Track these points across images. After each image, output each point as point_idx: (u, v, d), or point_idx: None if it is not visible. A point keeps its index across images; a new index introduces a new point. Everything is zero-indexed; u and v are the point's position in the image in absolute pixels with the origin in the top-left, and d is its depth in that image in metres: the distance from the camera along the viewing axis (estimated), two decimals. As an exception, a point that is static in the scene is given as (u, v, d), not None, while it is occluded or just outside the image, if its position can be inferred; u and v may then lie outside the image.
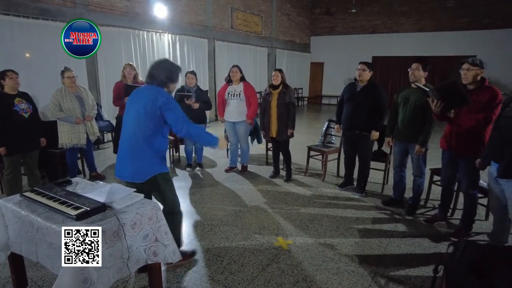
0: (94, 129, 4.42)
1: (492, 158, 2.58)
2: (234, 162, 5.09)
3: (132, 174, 2.36)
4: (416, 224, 3.44)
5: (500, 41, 11.78)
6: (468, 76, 2.85)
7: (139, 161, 2.32)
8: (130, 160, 2.33)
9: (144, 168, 2.33)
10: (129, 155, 2.33)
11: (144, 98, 2.32)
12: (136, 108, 2.33)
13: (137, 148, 2.31)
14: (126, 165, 2.35)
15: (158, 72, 2.40)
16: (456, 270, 1.82)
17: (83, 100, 4.25)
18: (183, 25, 8.75)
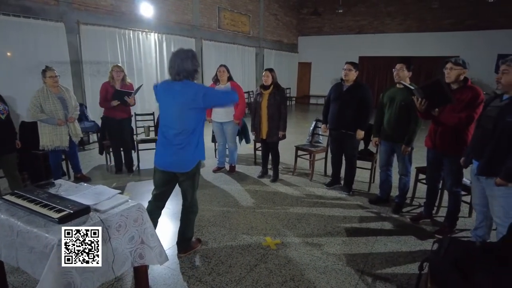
0: (77, 130, 4.31)
1: (474, 157, 2.64)
2: (222, 163, 5.07)
3: (179, 164, 2.48)
4: (402, 222, 3.49)
5: (482, 42, 12.06)
6: (451, 75, 2.91)
7: (186, 152, 2.45)
8: (177, 152, 2.44)
9: (190, 158, 2.48)
10: (176, 147, 2.44)
11: (184, 96, 2.38)
12: (176, 104, 2.39)
13: (185, 140, 2.42)
14: (173, 157, 2.47)
15: (184, 66, 2.38)
16: (440, 266, 1.85)
17: (66, 101, 4.14)
18: (170, 24, 8.67)
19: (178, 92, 2.39)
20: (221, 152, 5.02)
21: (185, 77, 2.39)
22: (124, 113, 4.72)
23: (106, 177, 4.77)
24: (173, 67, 2.39)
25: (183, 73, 2.38)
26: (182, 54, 2.39)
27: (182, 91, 2.37)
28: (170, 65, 2.41)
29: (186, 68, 2.37)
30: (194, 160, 2.50)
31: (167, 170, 2.55)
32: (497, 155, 2.37)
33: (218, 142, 5.00)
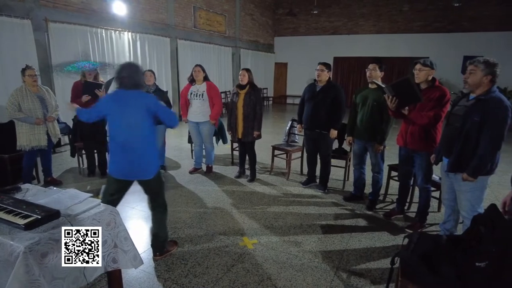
0: (56, 130, 4.20)
1: (443, 154, 2.75)
2: (199, 163, 5.02)
3: (141, 172, 2.50)
4: (375, 219, 3.59)
5: (449, 44, 12.58)
6: (420, 76, 3.03)
7: (147, 159, 2.49)
8: (137, 159, 2.46)
9: (152, 164, 2.52)
10: (137, 155, 2.45)
11: (137, 103, 2.44)
12: (130, 111, 2.42)
13: (144, 147, 2.46)
14: (133, 165, 2.47)
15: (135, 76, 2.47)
16: (410, 260, 1.92)
17: (46, 101, 4.02)
18: (144, 23, 8.51)
19: (135, 100, 2.44)
20: (197, 152, 4.97)
21: (137, 87, 2.49)
22: None
23: (79, 180, 4.62)
24: (131, 77, 2.45)
25: (138, 84, 2.49)
26: (135, 68, 2.51)
27: (140, 99, 2.45)
28: (124, 75, 2.44)
29: (141, 80, 2.54)
30: (156, 166, 2.57)
31: (126, 179, 2.53)
32: (465, 153, 2.49)
33: (194, 143, 4.96)
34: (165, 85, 9.01)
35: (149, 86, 4.62)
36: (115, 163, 2.51)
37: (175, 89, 9.54)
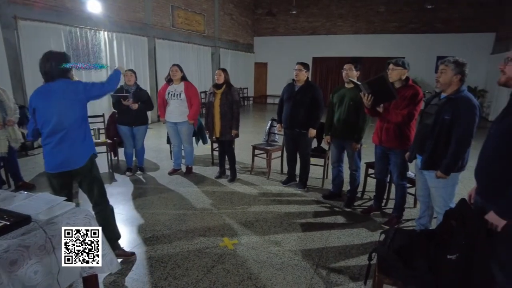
0: (16, 135, 3.97)
1: (417, 152, 2.83)
2: (178, 164, 4.96)
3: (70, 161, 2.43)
4: (354, 216, 3.66)
5: (423, 44, 12.98)
6: (393, 75, 3.12)
7: (75, 148, 2.43)
8: (66, 149, 2.41)
9: (80, 152, 2.46)
10: (64, 145, 2.40)
11: (61, 92, 2.38)
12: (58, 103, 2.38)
13: (72, 136, 2.41)
14: (62, 156, 2.42)
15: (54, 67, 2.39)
16: (386, 256, 1.97)
17: (3, 103, 3.81)
18: (121, 22, 8.33)
19: (57, 90, 2.38)
20: (176, 153, 4.91)
21: (59, 76, 2.41)
22: None
23: (53, 184, 4.46)
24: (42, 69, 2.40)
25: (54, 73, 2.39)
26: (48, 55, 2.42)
27: (61, 89, 2.39)
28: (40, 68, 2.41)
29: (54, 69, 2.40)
30: (86, 154, 2.49)
31: (59, 171, 2.46)
32: (437, 151, 2.57)
33: (173, 143, 4.89)
34: (143, 84, 8.78)
35: (130, 86, 4.54)
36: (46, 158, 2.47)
37: (153, 89, 9.39)
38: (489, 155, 1.83)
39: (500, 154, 1.74)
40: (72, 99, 2.39)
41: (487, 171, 1.85)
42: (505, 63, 1.72)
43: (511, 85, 1.72)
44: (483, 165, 1.88)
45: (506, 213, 1.66)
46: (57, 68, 2.38)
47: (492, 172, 1.80)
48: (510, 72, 1.69)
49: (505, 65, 1.72)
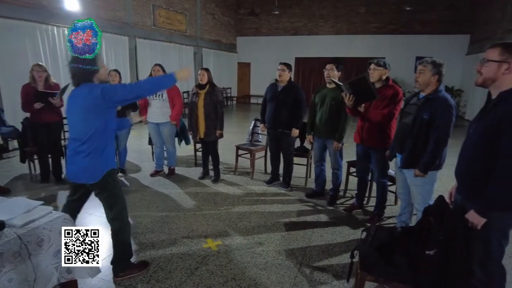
0: None
1: (397, 150, 2.89)
2: (160, 166, 4.89)
3: (85, 174, 2.26)
4: (336, 214, 3.70)
5: (403, 45, 13.27)
6: (374, 75, 3.18)
7: (90, 160, 2.23)
8: (81, 160, 2.23)
9: (96, 166, 2.25)
10: (80, 156, 2.23)
11: (81, 98, 2.18)
12: (77, 109, 2.21)
13: (89, 147, 2.21)
14: (77, 166, 2.26)
15: (75, 72, 2.20)
16: (367, 253, 2.00)
17: None
18: (100, 21, 8.13)
19: (77, 96, 2.22)
20: (158, 154, 4.84)
21: (83, 80, 2.22)
22: (54, 116, 4.31)
23: (31, 188, 4.33)
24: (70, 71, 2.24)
25: (77, 75, 2.21)
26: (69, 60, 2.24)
27: (80, 94, 2.20)
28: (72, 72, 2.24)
29: (77, 72, 2.21)
30: (102, 169, 2.26)
31: (73, 181, 2.35)
32: (416, 149, 2.62)
33: (154, 144, 4.82)
34: (124, 85, 8.69)
35: None
36: (66, 166, 2.38)
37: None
38: (469, 155, 1.87)
39: (479, 154, 1.78)
40: (89, 108, 2.16)
41: (467, 170, 1.89)
42: (481, 64, 1.77)
43: (488, 85, 1.77)
44: (463, 164, 1.92)
45: (486, 211, 1.71)
46: (80, 72, 2.18)
47: (472, 171, 1.85)
48: (487, 73, 1.74)
49: (482, 66, 1.77)
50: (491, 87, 1.77)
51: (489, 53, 1.74)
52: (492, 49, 1.73)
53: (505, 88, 1.70)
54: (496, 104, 1.72)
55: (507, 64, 1.67)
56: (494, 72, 1.71)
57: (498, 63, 1.69)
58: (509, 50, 1.67)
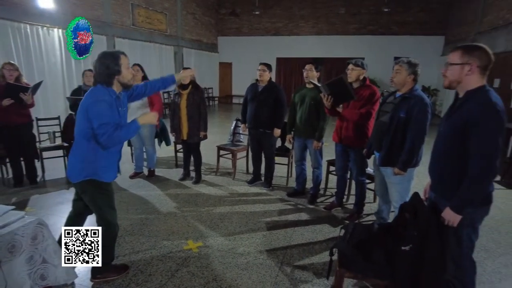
0: None
1: (374, 148, 2.96)
2: (140, 167, 4.81)
3: (69, 171, 2.27)
4: (317, 212, 3.75)
5: (381, 45, 13.54)
6: (352, 75, 3.23)
7: (71, 160, 2.25)
8: (70, 157, 2.28)
9: (74, 168, 2.23)
10: (71, 154, 2.27)
11: (86, 98, 2.16)
12: (80, 107, 2.17)
13: (76, 145, 2.22)
14: (69, 162, 2.30)
15: (97, 70, 2.17)
16: (346, 250, 2.03)
17: None
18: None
19: (86, 95, 2.18)
20: (138, 156, 4.76)
21: (98, 81, 2.18)
22: (23, 117, 4.15)
23: (2, 192, 4.16)
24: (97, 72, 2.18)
25: (96, 77, 2.18)
26: (98, 59, 2.18)
27: (85, 96, 2.17)
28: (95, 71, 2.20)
29: (98, 71, 2.16)
30: (79, 173, 2.19)
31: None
32: (394, 147, 2.69)
33: (134, 146, 4.74)
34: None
35: (90, 86, 4.32)
36: None
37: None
38: (440, 153, 1.93)
39: (449, 151, 1.84)
40: (83, 111, 2.11)
41: (438, 168, 1.95)
42: (446, 68, 1.84)
43: (454, 87, 1.84)
44: (435, 162, 1.98)
45: (460, 209, 1.76)
46: (101, 72, 2.14)
47: (443, 169, 1.91)
48: (451, 76, 1.82)
49: (446, 70, 1.84)
50: (458, 88, 1.84)
51: (451, 57, 1.82)
52: (454, 53, 1.81)
53: (470, 87, 1.78)
54: (463, 103, 1.79)
55: (469, 66, 1.74)
56: (458, 74, 1.78)
57: (460, 66, 1.77)
58: (469, 52, 1.75)
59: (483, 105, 1.68)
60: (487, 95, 1.71)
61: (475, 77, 1.75)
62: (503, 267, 2.79)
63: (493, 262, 2.84)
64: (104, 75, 2.14)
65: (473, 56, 1.74)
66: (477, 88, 1.75)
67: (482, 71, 1.75)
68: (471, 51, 1.75)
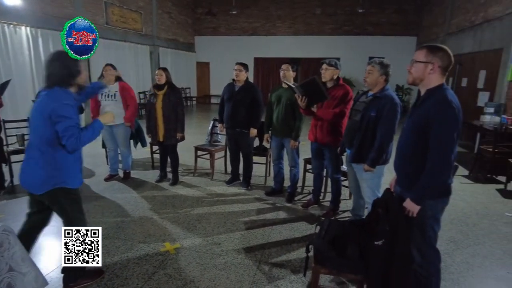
0: None
1: (346, 146, 3.03)
2: (115, 170, 4.70)
3: (27, 182, 2.15)
4: (294, 210, 3.79)
5: (356, 46, 13.83)
6: (326, 75, 3.29)
7: (32, 170, 2.12)
8: (25, 167, 2.15)
9: (38, 177, 2.11)
10: (25, 162, 2.15)
11: (41, 104, 2.06)
12: (36, 112, 2.09)
13: (37, 153, 2.10)
14: (22, 173, 2.16)
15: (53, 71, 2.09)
16: (321, 246, 2.07)
17: None
18: (46, 17, 7.65)
19: (40, 100, 2.10)
20: (112, 158, 4.64)
21: (55, 83, 2.09)
22: None
23: (-34, 199, 3.97)
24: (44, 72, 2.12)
25: (51, 79, 2.10)
26: (50, 56, 2.14)
27: (42, 100, 2.08)
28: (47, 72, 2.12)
29: (53, 72, 2.09)
30: (45, 183, 2.11)
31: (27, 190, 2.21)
32: (365, 145, 2.76)
33: (108, 148, 4.62)
34: (75, 86, 8.25)
35: None
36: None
37: (87, 91, 8.79)
38: (403, 149, 2.01)
39: (412, 148, 1.93)
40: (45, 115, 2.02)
41: (402, 163, 2.03)
42: (411, 65, 1.91)
43: (417, 84, 1.92)
44: (399, 157, 2.06)
45: (419, 199, 1.85)
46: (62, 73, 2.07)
47: (407, 164, 1.99)
48: (415, 73, 1.89)
49: (411, 67, 1.91)
50: (420, 85, 1.92)
51: (416, 54, 1.90)
52: (419, 51, 1.89)
53: (431, 86, 1.86)
54: (424, 101, 1.87)
55: (432, 65, 1.83)
56: (422, 72, 1.86)
57: (424, 64, 1.85)
58: (433, 52, 1.83)
59: (441, 103, 1.77)
60: (445, 94, 1.80)
61: (436, 76, 1.84)
62: (470, 257, 2.92)
63: (461, 253, 2.97)
64: (64, 76, 2.10)
65: (436, 56, 1.82)
66: (436, 86, 1.84)
67: (442, 71, 1.84)
68: (435, 51, 1.83)
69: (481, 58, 7.82)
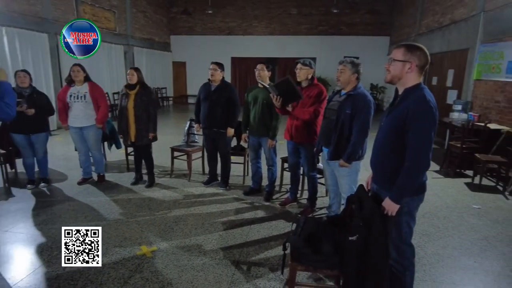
0: None
1: (323, 144, 3.07)
2: (88, 173, 4.56)
3: None
4: (272, 209, 3.82)
5: (332, 45, 14.05)
6: (301, 74, 3.33)
7: None
8: None
9: None
10: None
11: None
12: None
13: None
14: None
15: None
16: (297, 244, 2.09)
17: None
18: (12, 15, 7.33)
19: None
20: (84, 161, 4.50)
21: None
22: None
23: None
24: None
25: None
26: None
27: None
28: None
29: None
30: None
31: None
32: (341, 142, 2.82)
33: (79, 151, 4.45)
34: (44, 87, 7.96)
35: (24, 88, 4.01)
36: None
37: (58, 91, 8.45)
38: (380, 147, 2.04)
39: (389, 146, 1.95)
40: None
41: (379, 161, 2.06)
42: (389, 63, 1.94)
43: (395, 82, 1.95)
44: (376, 155, 2.09)
45: (398, 199, 1.87)
46: None
47: (383, 162, 2.02)
48: (394, 71, 1.92)
49: (389, 65, 1.94)
50: (398, 84, 1.95)
51: (394, 53, 1.92)
52: (397, 50, 1.91)
53: (409, 85, 1.90)
54: (401, 99, 1.91)
55: (409, 64, 1.86)
56: (400, 71, 1.89)
57: (402, 62, 1.87)
58: (411, 51, 1.86)
59: (418, 102, 1.80)
60: (422, 93, 1.83)
61: (414, 75, 1.87)
62: (441, 249, 3.04)
63: (432, 245, 3.08)
64: None
65: (413, 55, 1.85)
66: (414, 86, 1.87)
67: (420, 70, 1.87)
68: (413, 50, 1.85)
69: (449, 58, 8.15)
